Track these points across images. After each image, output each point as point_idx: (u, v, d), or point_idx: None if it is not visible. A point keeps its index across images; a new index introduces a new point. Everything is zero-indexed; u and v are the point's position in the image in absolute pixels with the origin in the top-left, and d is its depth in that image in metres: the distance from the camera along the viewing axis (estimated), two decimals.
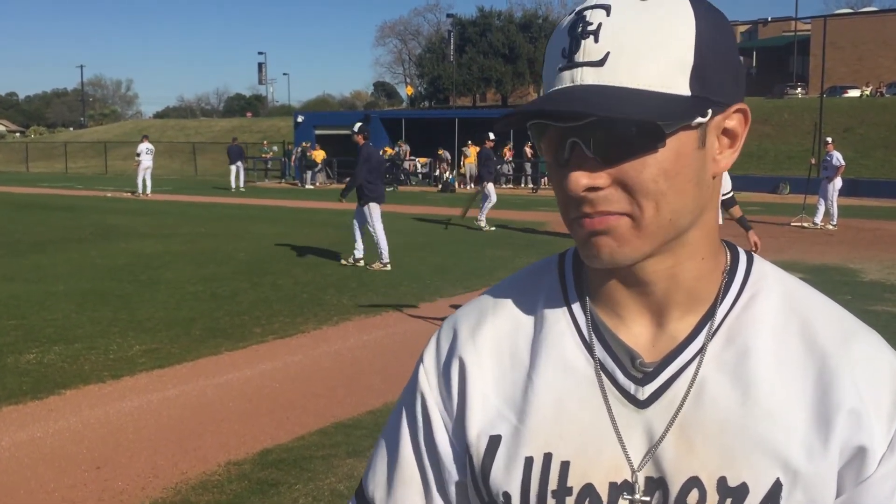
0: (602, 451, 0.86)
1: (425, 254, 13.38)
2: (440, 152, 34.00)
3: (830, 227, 17.48)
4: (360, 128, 11.98)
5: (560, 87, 0.80)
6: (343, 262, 12.15)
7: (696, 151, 0.82)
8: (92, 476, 4.49)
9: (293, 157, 35.28)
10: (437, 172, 34.45)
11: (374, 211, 11.57)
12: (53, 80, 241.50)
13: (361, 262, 11.85)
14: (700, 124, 0.81)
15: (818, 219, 17.69)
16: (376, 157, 11.97)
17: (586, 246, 0.83)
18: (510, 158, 33.18)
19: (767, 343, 0.86)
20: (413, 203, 24.97)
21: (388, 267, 11.58)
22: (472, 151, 31.01)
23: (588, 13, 0.80)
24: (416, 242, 14.89)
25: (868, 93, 48.27)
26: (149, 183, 28.09)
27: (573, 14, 0.82)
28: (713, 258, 0.89)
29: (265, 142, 43.50)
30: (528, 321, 0.94)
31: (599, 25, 0.78)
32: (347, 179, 12.88)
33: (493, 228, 17.24)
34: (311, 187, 33.21)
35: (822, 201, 17.75)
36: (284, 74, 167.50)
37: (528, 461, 0.87)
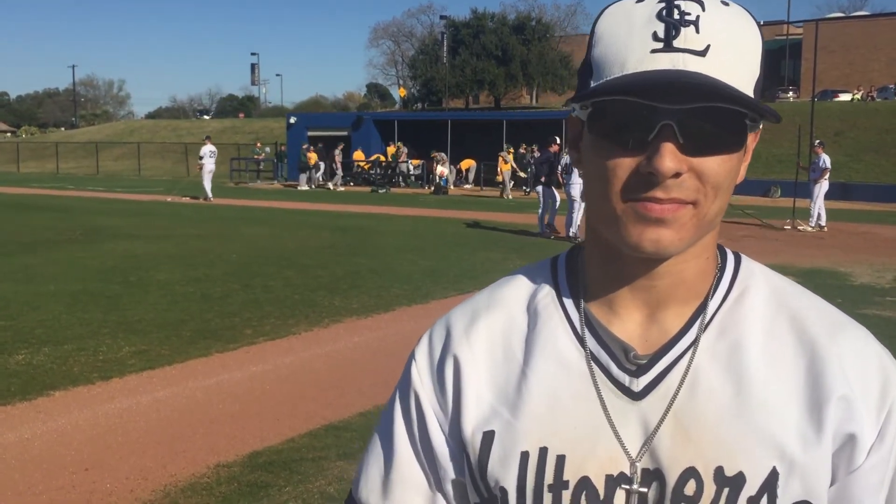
0: (597, 444, 0.86)
1: (417, 256, 13.37)
2: (437, 158, 33.31)
3: (816, 228, 17.58)
4: None
5: (657, 68, 0.79)
6: None
7: (743, 156, 0.86)
8: (80, 478, 4.47)
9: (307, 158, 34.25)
10: (432, 175, 34.27)
11: None
12: (45, 79, 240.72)
13: None
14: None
15: (812, 222, 17.85)
16: None
17: (639, 232, 0.81)
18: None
19: (758, 336, 0.88)
20: (406, 205, 24.97)
21: None
22: (511, 157, 30.19)
23: (682, 3, 0.80)
24: (408, 245, 14.88)
25: (859, 97, 48.47)
26: (208, 187, 26.69)
27: (659, 2, 0.81)
28: (713, 258, 0.92)
29: (257, 143, 43.42)
30: (521, 318, 0.95)
31: (698, 17, 0.80)
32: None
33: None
34: (306, 188, 33.17)
35: (813, 205, 17.94)
36: (277, 75, 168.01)
37: (524, 456, 0.88)
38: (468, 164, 34.96)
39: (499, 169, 30.85)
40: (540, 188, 16.92)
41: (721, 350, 0.87)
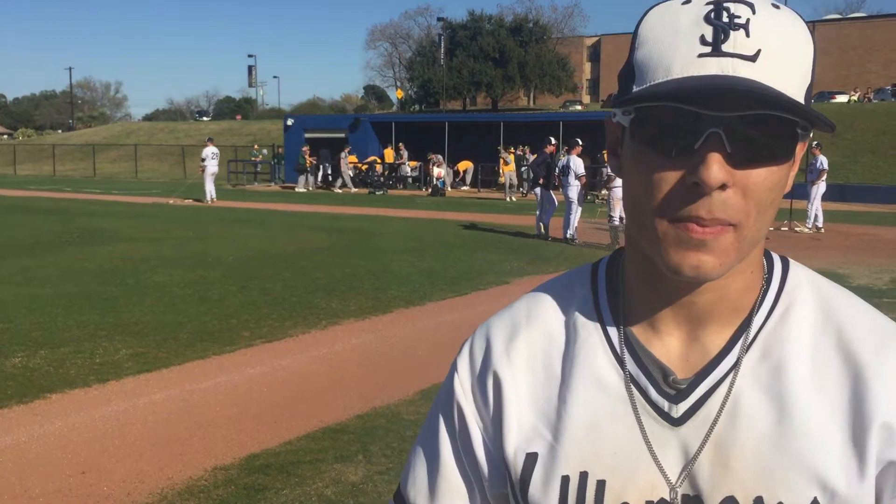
0: (637, 470, 0.85)
1: (414, 258, 13.36)
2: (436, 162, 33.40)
3: (813, 229, 17.60)
4: None
5: (705, 73, 0.75)
6: None
7: (791, 167, 0.82)
8: (77, 481, 4.46)
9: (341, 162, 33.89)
10: (429, 177, 34.27)
11: None
12: (42, 82, 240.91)
13: None
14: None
15: (809, 224, 17.89)
16: None
17: (680, 257, 0.78)
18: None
19: (803, 356, 0.84)
20: (404, 207, 24.96)
21: None
22: (512, 158, 29.71)
23: (731, 6, 0.77)
24: (405, 247, 14.87)
25: (856, 98, 48.57)
26: (212, 189, 26.32)
27: (707, 4, 0.78)
28: (759, 271, 0.89)
29: (255, 145, 43.42)
30: (560, 335, 0.94)
31: (748, 21, 0.76)
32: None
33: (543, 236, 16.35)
34: (304, 190, 33.18)
35: (810, 206, 17.99)
36: (274, 77, 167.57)
37: (565, 480, 0.87)
38: (465, 165, 34.97)
39: (500, 170, 30.70)
40: (538, 190, 16.90)
41: (763, 372, 0.84)
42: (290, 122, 39.55)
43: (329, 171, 34.99)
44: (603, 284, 0.95)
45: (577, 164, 15.72)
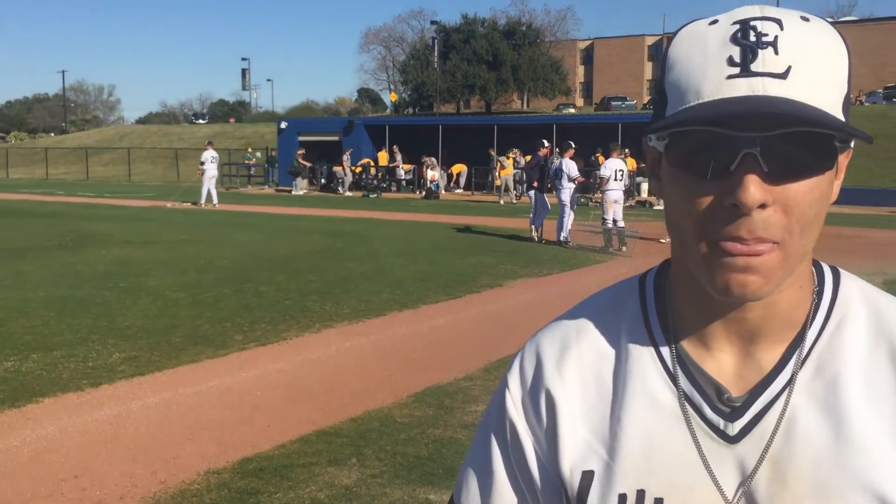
0: (694, 488, 0.85)
1: (408, 261, 13.36)
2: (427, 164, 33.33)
3: None
4: None
5: (735, 95, 0.75)
6: None
7: (834, 180, 0.82)
8: (69, 485, 4.44)
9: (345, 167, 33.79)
10: (423, 179, 34.28)
11: None
12: (35, 85, 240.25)
13: None
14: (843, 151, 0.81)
15: None
16: None
17: (726, 279, 0.78)
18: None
19: (858, 370, 0.84)
20: (398, 210, 24.96)
21: None
22: (509, 162, 29.43)
23: (758, 24, 0.77)
24: (399, 250, 14.88)
25: None
26: (214, 193, 25.91)
27: (733, 24, 0.78)
28: (809, 284, 0.88)
29: (248, 149, 43.38)
30: (610, 351, 0.93)
31: (776, 38, 0.76)
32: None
33: (538, 240, 16.25)
34: (299, 193, 33.17)
35: None
36: (268, 80, 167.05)
37: (622, 498, 0.87)
38: (459, 168, 34.99)
39: (497, 173, 30.64)
40: (532, 193, 16.92)
41: (818, 388, 0.84)
42: (283, 125, 39.57)
43: (323, 175, 35.06)
44: (651, 299, 0.94)
45: (570, 167, 15.75)
